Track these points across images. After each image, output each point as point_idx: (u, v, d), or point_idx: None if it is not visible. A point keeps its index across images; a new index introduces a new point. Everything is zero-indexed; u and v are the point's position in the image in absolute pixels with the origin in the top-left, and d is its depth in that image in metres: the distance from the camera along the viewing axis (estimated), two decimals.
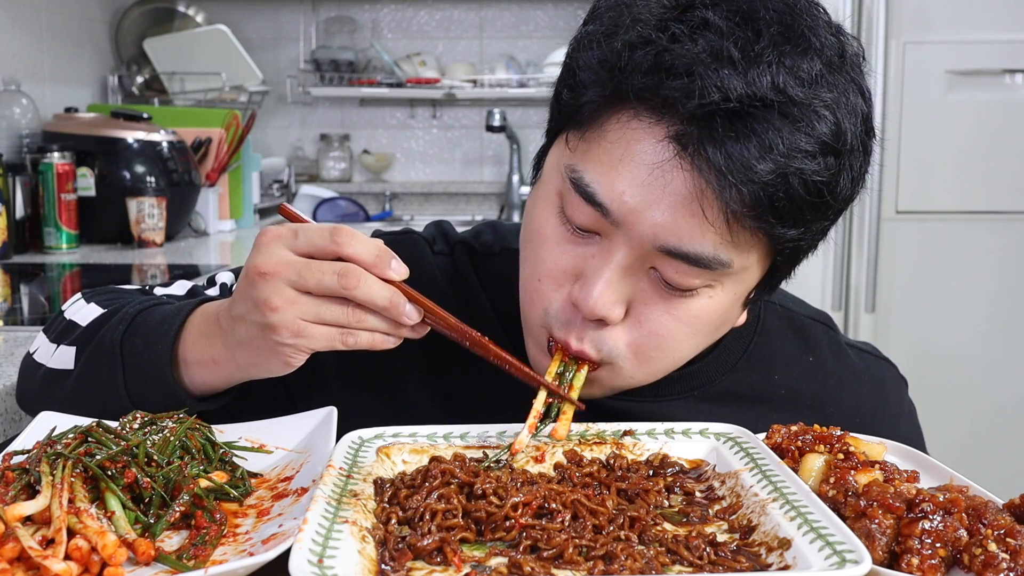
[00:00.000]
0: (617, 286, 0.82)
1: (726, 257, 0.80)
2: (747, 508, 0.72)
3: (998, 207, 2.88)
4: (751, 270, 0.84)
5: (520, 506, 0.69)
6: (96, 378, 0.92)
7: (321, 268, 0.77)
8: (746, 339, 1.00)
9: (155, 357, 0.89)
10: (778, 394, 1.01)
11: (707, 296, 0.83)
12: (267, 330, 0.79)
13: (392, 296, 0.78)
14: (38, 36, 2.83)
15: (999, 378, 2.92)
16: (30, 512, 0.66)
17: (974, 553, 0.64)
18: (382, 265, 0.78)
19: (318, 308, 0.78)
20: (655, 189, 0.79)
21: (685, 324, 0.84)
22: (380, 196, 3.88)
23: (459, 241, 1.06)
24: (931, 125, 2.88)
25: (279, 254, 0.79)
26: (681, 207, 0.78)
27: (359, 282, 0.77)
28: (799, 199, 0.78)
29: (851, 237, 2.95)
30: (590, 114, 0.82)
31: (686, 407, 0.97)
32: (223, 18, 3.61)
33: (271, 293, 0.78)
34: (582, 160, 0.83)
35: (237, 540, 0.69)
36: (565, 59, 0.87)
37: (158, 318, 0.92)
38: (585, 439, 0.85)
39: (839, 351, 1.05)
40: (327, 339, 0.79)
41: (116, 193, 2.60)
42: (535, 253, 0.88)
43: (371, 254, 0.78)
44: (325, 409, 0.88)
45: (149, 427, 0.81)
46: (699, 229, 0.78)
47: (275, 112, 3.87)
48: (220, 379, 0.89)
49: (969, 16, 2.82)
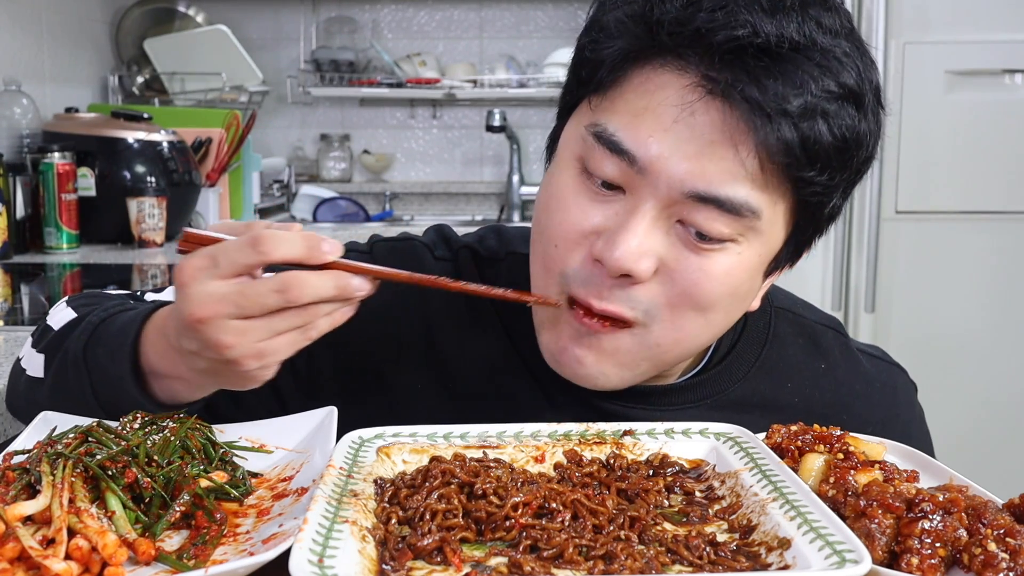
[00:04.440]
0: (644, 239, 0.80)
1: (756, 204, 0.79)
2: (747, 508, 0.72)
3: (998, 207, 2.88)
4: (776, 228, 0.83)
5: (520, 506, 0.69)
6: (66, 387, 0.89)
7: (258, 291, 0.71)
8: (758, 347, 1.00)
9: (117, 368, 0.85)
10: (791, 402, 1.00)
11: (736, 253, 0.82)
12: (230, 364, 0.74)
13: (336, 283, 0.73)
14: (38, 36, 2.83)
15: (999, 378, 2.92)
16: (30, 512, 0.66)
17: (974, 553, 0.65)
18: (316, 255, 0.72)
19: (271, 325, 0.73)
20: (683, 132, 0.78)
21: (718, 281, 0.82)
22: (380, 196, 3.88)
23: (463, 246, 1.04)
24: (931, 125, 2.88)
25: (208, 291, 0.72)
26: (711, 148, 0.78)
27: (302, 291, 0.71)
28: (827, 143, 0.78)
29: (851, 237, 2.96)
30: (612, 71, 0.82)
31: (699, 415, 0.95)
32: (223, 18, 3.61)
33: (218, 334, 0.72)
34: (604, 115, 0.82)
35: (237, 540, 0.69)
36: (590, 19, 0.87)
37: (118, 327, 0.88)
38: (585, 439, 0.85)
39: (851, 357, 1.04)
40: (290, 345, 0.74)
41: (116, 193, 2.60)
42: (551, 218, 0.85)
43: (301, 250, 0.72)
44: (325, 409, 0.88)
45: (149, 427, 0.81)
46: (730, 171, 0.78)
47: (275, 112, 3.87)
48: (192, 392, 0.85)
49: (969, 16, 2.83)
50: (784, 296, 1.06)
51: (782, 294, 1.06)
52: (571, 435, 0.85)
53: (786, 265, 0.91)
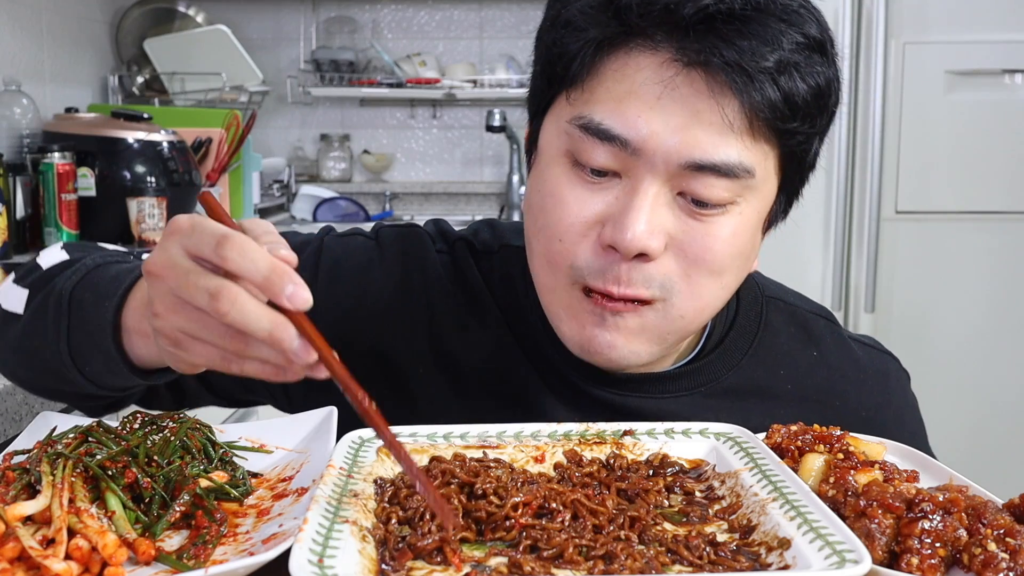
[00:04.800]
0: (651, 216, 0.81)
1: (749, 163, 0.82)
2: (747, 508, 0.72)
3: (998, 207, 2.88)
4: (769, 182, 0.86)
5: (520, 506, 0.69)
6: (42, 326, 0.85)
7: (197, 282, 0.65)
8: (750, 335, 1.01)
9: (100, 316, 0.81)
10: (784, 389, 1.01)
11: (737, 214, 0.84)
12: (155, 333, 0.70)
13: (273, 327, 0.63)
14: (38, 36, 2.83)
15: (999, 378, 2.92)
16: (30, 512, 0.66)
17: (974, 553, 0.65)
18: (273, 289, 0.64)
19: (197, 324, 0.67)
20: (669, 106, 0.80)
21: (726, 244, 0.84)
22: (380, 196, 3.88)
23: (459, 239, 1.05)
24: (931, 125, 2.88)
25: (170, 253, 0.67)
26: (699, 117, 0.80)
27: (231, 307, 0.63)
28: (804, 93, 0.81)
29: (851, 237, 2.96)
30: (585, 63, 0.83)
31: (694, 403, 0.97)
32: (223, 18, 3.61)
33: (155, 296, 0.68)
34: (586, 106, 0.83)
35: (237, 540, 0.69)
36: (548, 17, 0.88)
37: (112, 274, 0.84)
38: (585, 439, 0.85)
39: (842, 345, 1.06)
40: (207, 359, 0.68)
41: (116, 193, 2.60)
42: (550, 215, 0.86)
43: (260, 274, 0.64)
44: (325, 409, 0.88)
45: (149, 427, 0.81)
46: (721, 136, 0.80)
47: (275, 112, 3.87)
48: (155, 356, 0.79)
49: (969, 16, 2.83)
50: (775, 286, 1.07)
51: (773, 284, 1.08)
52: (571, 435, 0.85)
53: (780, 219, 0.93)
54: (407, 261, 1.02)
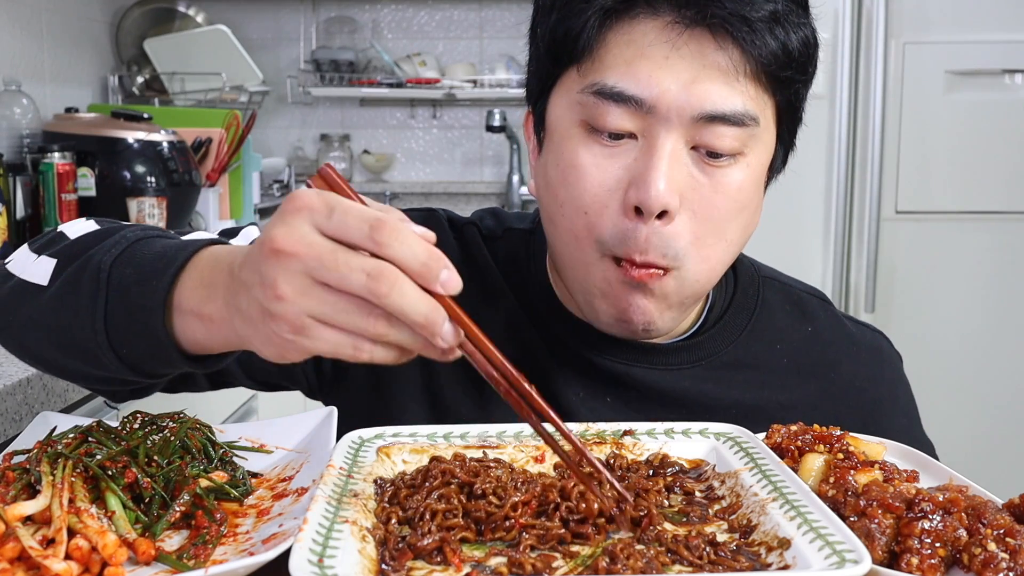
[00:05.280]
0: (670, 172, 0.86)
1: (754, 112, 0.88)
2: (747, 508, 0.72)
3: (998, 207, 2.89)
4: (769, 132, 0.92)
5: (520, 506, 0.69)
6: (73, 303, 0.79)
7: (349, 262, 0.62)
8: (748, 313, 1.06)
9: (146, 296, 0.76)
10: (780, 363, 1.05)
11: (744, 164, 0.89)
12: (267, 316, 0.65)
13: (430, 312, 0.63)
14: (38, 36, 2.83)
15: (999, 378, 2.92)
16: (30, 512, 0.66)
17: (974, 553, 0.65)
18: (430, 276, 0.63)
19: (333, 308, 0.63)
20: (677, 64, 0.86)
21: (731, 199, 0.89)
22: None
23: (466, 223, 1.09)
24: (931, 125, 2.88)
25: (303, 231, 0.63)
26: (707, 71, 0.86)
27: (392, 289, 0.62)
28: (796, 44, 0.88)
29: (851, 237, 2.96)
30: (592, 36, 0.88)
31: (695, 375, 1.02)
32: (223, 18, 3.61)
33: (280, 276, 0.63)
34: (597, 74, 0.88)
35: (237, 540, 0.69)
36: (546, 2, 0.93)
37: (158, 249, 0.79)
38: (585, 439, 0.85)
39: (836, 321, 1.10)
40: (334, 346, 0.64)
41: (116, 193, 2.60)
42: (573, 188, 0.90)
43: (418, 261, 0.63)
44: (325, 409, 0.88)
45: (149, 427, 0.81)
46: (728, 86, 0.86)
47: (275, 112, 3.87)
48: (215, 341, 0.76)
49: (969, 16, 2.83)
50: (770, 269, 1.13)
51: (768, 268, 1.13)
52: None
53: (780, 170, 0.99)
54: None
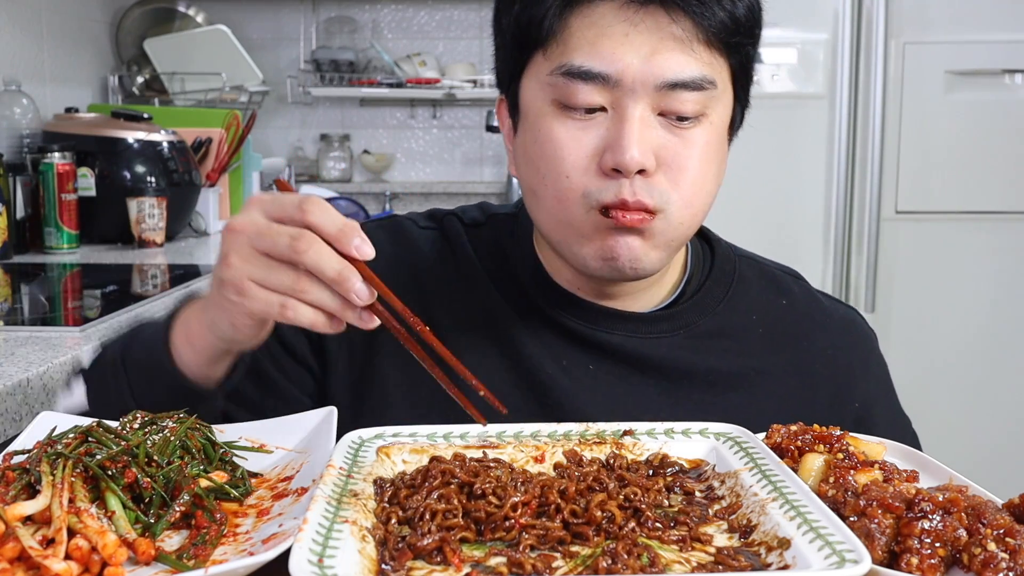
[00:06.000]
0: (641, 136, 0.93)
1: (711, 75, 0.94)
2: (747, 508, 0.72)
3: (998, 207, 2.89)
4: (727, 93, 0.98)
5: (519, 506, 0.69)
6: (104, 398, 0.94)
7: (279, 230, 0.77)
8: (725, 286, 1.11)
9: (153, 354, 0.91)
10: (756, 332, 1.10)
11: (708, 123, 0.96)
12: (220, 285, 0.81)
13: (343, 268, 0.76)
14: (38, 36, 2.83)
15: (999, 378, 2.92)
16: (30, 512, 0.66)
17: (973, 553, 0.65)
18: (344, 239, 0.76)
19: (266, 271, 0.78)
20: (636, 39, 0.92)
21: (700, 153, 0.96)
22: (380, 196, 3.88)
23: (448, 214, 1.15)
24: (931, 125, 2.88)
25: (252, 215, 0.79)
26: (664, 43, 0.93)
27: (309, 247, 0.76)
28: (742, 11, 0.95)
29: (851, 237, 2.96)
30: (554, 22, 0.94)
31: (673, 344, 1.06)
32: (223, 18, 3.61)
33: (231, 248, 0.79)
34: (564, 56, 0.94)
35: (237, 540, 0.69)
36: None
37: (154, 322, 0.96)
38: (585, 439, 0.85)
39: (810, 295, 1.15)
40: (266, 304, 0.78)
41: (116, 193, 2.60)
42: (552, 160, 0.96)
43: (335, 226, 0.76)
44: (325, 409, 0.88)
45: (149, 427, 0.81)
46: (685, 55, 0.93)
47: (275, 112, 3.87)
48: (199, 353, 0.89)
49: (969, 16, 2.83)
50: (745, 250, 1.18)
51: (743, 249, 1.18)
52: (571, 435, 0.85)
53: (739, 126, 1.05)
54: (394, 245, 1.11)
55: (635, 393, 1.05)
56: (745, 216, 2.91)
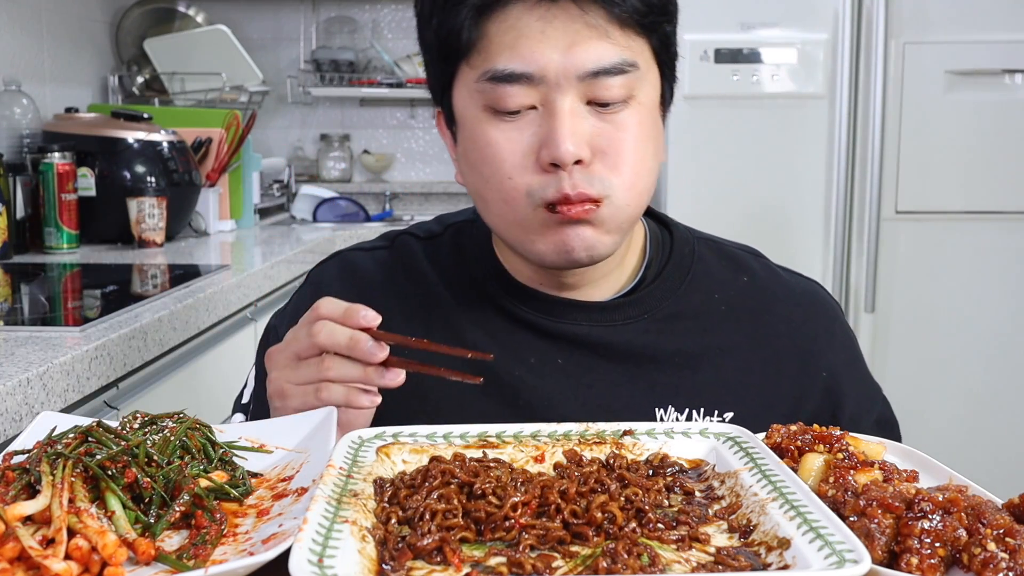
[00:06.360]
0: (573, 127, 0.95)
1: (631, 59, 0.96)
2: (747, 508, 0.72)
3: (998, 207, 2.89)
4: (651, 72, 1.00)
5: (519, 506, 0.69)
6: None
7: (300, 334, 0.91)
8: (685, 268, 1.13)
9: None
10: (718, 310, 1.11)
11: (636, 104, 0.98)
12: (269, 398, 0.95)
13: (352, 334, 0.88)
14: (38, 36, 2.83)
15: (999, 378, 2.92)
16: (30, 512, 0.66)
17: (973, 553, 0.65)
18: (351, 315, 0.88)
19: (296, 370, 0.91)
20: (553, 35, 0.94)
21: (634, 135, 0.98)
22: (380, 196, 3.88)
23: (401, 233, 1.18)
24: (931, 125, 2.88)
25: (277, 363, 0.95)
26: (580, 35, 0.94)
27: (322, 329, 0.88)
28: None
29: (851, 237, 2.96)
30: (472, 31, 0.97)
31: (637, 329, 1.08)
32: (223, 18, 3.61)
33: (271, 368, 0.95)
34: (486, 63, 0.97)
35: (237, 540, 0.69)
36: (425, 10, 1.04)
37: None
38: (585, 439, 0.85)
39: (770, 271, 1.17)
40: (303, 395, 0.91)
41: (116, 193, 2.60)
42: (493, 163, 0.98)
43: (339, 311, 0.89)
44: (325, 409, 0.88)
45: (149, 427, 0.81)
46: (601, 43, 0.95)
47: (275, 112, 3.87)
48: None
49: (969, 16, 2.83)
50: (704, 232, 1.20)
51: (701, 231, 1.20)
52: (571, 435, 0.85)
53: (670, 102, 1.07)
54: (341, 281, 1.15)
55: (604, 382, 1.06)
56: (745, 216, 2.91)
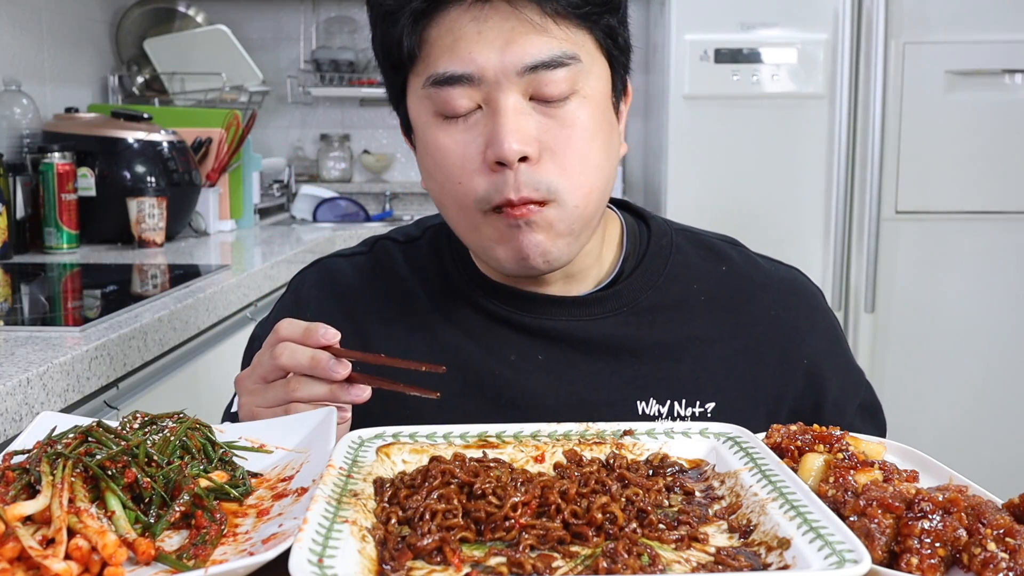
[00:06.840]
0: (516, 123, 0.95)
1: (571, 51, 0.96)
2: (747, 508, 0.72)
3: (998, 207, 2.89)
4: (598, 63, 1.00)
5: (519, 506, 0.69)
6: None
7: (264, 358, 0.92)
8: (663, 259, 1.13)
9: None
10: (698, 300, 1.11)
11: (582, 97, 0.98)
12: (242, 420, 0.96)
13: (314, 354, 0.89)
14: (38, 36, 2.83)
15: (999, 378, 2.92)
16: (30, 512, 0.66)
17: (973, 553, 0.65)
18: (312, 336, 0.90)
19: (264, 393, 0.93)
20: (489, 34, 0.95)
21: (581, 130, 0.98)
22: (380, 196, 3.88)
23: (380, 239, 1.19)
24: (931, 125, 2.88)
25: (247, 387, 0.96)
26: (516, 32, 0.95)
27: (284, 351, 0.90)
28: None
29: (851, 237, 2.96)
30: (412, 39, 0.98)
31: (617, 323, 1.08)
32: (223, 18, 3.61)
33: (240, 392, 0.97)
34: (429, 68, 0.98)
35: (237, 540, 0.69)
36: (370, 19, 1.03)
37: None
38: (585, 439, 0.85)
39: (749, 259, 1.17)
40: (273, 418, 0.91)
41: (116, 193, 2.60)
42: (443, 168, 1.00)
43: (299, 332, 0.91)
44: (325, 409, 0.88)
45: (149, 427, 0.81)
46: (538, 37, 0.95)
47: (275, 112, 3.88)
48: None
49: (969, 16, 2.83)
50: (682, 223, 1.20)
51: (680, 223, 1.19)
52: (571, 435, 0.85)
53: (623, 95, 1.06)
54: (319, 288, 1.16)
55: (586, 376, 1.06)
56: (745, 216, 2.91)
